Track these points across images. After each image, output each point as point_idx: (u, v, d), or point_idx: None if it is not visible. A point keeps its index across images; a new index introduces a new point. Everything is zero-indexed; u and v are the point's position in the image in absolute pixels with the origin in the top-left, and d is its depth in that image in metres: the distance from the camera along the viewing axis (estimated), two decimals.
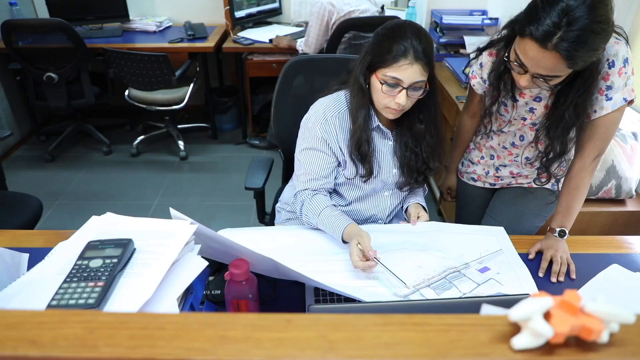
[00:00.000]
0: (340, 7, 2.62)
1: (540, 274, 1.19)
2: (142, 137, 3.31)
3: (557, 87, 1.12)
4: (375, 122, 1.29)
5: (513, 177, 1.46)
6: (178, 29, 3.35)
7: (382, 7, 3.45)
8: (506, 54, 1.13)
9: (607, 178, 1.71)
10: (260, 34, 3.17)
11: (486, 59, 1.30)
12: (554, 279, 1.17)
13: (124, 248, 0.78)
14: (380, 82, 1.16)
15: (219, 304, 1.03)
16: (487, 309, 0.46)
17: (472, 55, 1.34)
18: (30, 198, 1.93)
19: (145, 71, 2.85)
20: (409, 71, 1.13)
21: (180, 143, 3.26)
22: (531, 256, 1.25)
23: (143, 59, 2.79)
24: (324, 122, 1.28)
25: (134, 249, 0.81)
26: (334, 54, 2.61)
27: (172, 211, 0.89)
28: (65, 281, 0.73)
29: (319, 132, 1.28)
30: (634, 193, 1.77)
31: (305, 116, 1.35)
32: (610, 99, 1.12)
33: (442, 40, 2.84)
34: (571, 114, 1.12)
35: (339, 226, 1.20)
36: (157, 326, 0.43)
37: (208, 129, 3.54)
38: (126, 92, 3.09)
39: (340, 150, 1.29)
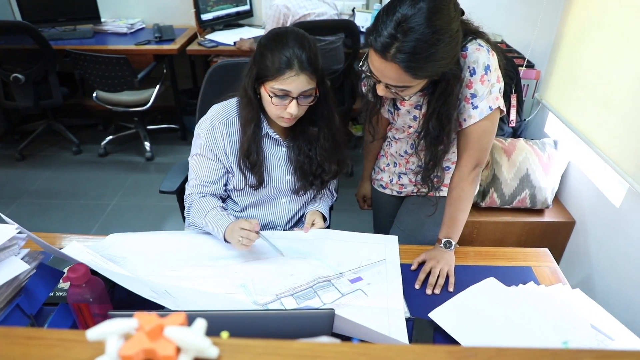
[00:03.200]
0: (295, 10, 2.62)
1: (416, 286, 1.17)
2: (110, 137, 3.35)
3: (426, 95, 1.10)
4: (265, 129, 1.28)
5: (414, 185, 1.44)
6: (149, 31, 3.39)
7: (353, 10, 3.45)
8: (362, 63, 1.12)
9: (520, 187, 1.65)
10: (227, 37, 3.19)
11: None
12: (428, 291, 1.15)
13: None
14: (270, 95, 1.16)
15: None
16: None
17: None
18: None
19: (107, 73, 2.89)
20: (296, 82, 1.12)
21: (147, 144, 3.29)
22: (413, 267, 1.22)
23: (104, 61, 2.83)
24: (211, 129, 1.28)
25: None
26: None
27: (2, 215, 0.90)
28: None
29: (204, 139, 1.28)
30: (549, 203, 1.71)
31: (198, 122, 1.35)
32: (477, 107, 1.09)
33: None
34: (434, 123, 1.09)
35: (222, 224, 1.20)
36: None
37: (178, 130, 3.57)
38: (94, 94, 3.15)
39: (226, 157, 1.29)
